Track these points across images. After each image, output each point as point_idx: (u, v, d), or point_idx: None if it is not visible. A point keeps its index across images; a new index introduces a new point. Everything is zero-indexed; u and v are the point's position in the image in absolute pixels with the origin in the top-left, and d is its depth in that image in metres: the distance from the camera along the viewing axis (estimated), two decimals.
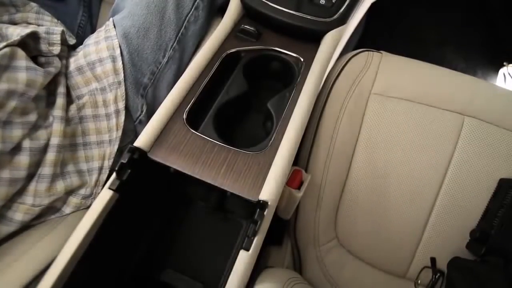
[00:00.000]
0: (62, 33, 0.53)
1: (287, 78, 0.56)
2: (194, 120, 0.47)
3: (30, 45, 0.49)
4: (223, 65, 0.53)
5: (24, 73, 0.46)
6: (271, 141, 0.45)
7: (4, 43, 0.45)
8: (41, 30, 0.51)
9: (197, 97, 0.49)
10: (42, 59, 0.51)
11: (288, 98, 0.50)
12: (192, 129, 0.46)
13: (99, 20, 0.72)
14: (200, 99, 0.49)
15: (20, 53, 0.46)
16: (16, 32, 0.50)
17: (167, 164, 0.42)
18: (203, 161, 0.43)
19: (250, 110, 0.57)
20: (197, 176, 0.42)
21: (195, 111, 0.48)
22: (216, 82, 0.52)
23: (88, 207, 0.53)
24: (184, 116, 0.46)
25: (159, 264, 0.51)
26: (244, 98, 0.53)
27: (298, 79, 0.53)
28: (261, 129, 0.54)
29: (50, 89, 0.52)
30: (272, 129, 0.47)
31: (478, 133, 0.59)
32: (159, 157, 0.43)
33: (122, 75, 0.54)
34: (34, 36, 0.50)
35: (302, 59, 0.55)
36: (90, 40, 0.55)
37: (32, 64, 0.47)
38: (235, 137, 0.53)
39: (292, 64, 0.56)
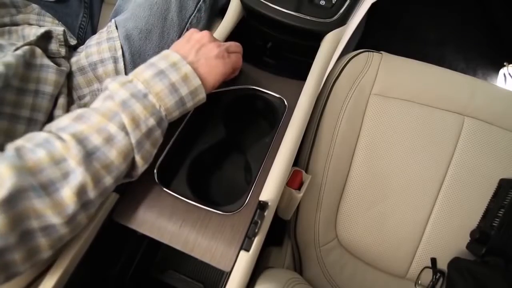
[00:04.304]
0: (64, 33, 0.53)
1: (269, 117, 0.53)
2: (165, 175, 0.43)
3: (41, 45, 0.49)
4: (198, 109, 0.46)
5: (37, 72, 0.47)
6: (247, 200, 0.41)
7: (22, 43, 0.46)
8: (53, 29, 0.52)
9: (169, 148, 0.45)
10: (53, 60, 0.51)
11: (268, 147, 0.46)
12: (163, 184, 0.42)
13: (100, 21, 0.72)
14: (172, 150, 0.45)
15: (38, 51, 0.48)
16: (33, 32, 0.51)
17: (133, 227, 0.39)
18: (173, 224, 0.39)
19: (228, 157, 0.51)
20: (166, 242, 0.39)
21: (167, 164, 0.44)
22: (190, 130, 0.47)
23: None
24: (155, 171, 0.42)
25: (160, 265, 0.51)
26: (221, 145, 0.48)
27: (280, 125, 0.47)
28: (241, 178, 0.50)
29: None
30: (250, 184, 0.43)
31: (478, 133, 0.60)
32: (124, 218, 0.40)
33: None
34: (48, 36, 0.51)
35: (285, 102, 0.50)
36: (92, 41, 0.56)
37: (45, 62, 0.48)
38: (211, 189, 0.48)
39: (274, 104, 0.51)
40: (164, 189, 0.42)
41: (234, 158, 0.51)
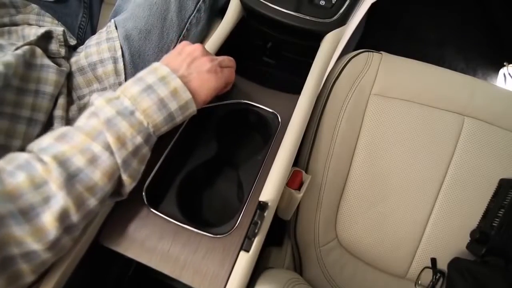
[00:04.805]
0: (64, 33, 0.53)
1: (262, 132, 0.52)
2: (154, 195, 0.42)
3: (42, 46, 0.49)
4: (189, 124, 0.47)
5: (37, 72, 0.47)
6: (238, 221, 0.40)
7: (22, 43, 0.46)
8: (53, 29, 0.52)
9: (159, 167, 0.43)
10: (53, 61, 0.51)
11: (260, 166, 0.44)
12: (152, 206, 0.41)
13: (99, 21, 0.72)
14: (161, 169, 0.44)
15: (38, 51, 0.47)
16: (32, 32, 0.51)
17: (120, 251, 0.39)
18: (162, 246, 0.38)
19: (220, 174, 0.50)
20: (153, 266, 0.38)
21: (156, 184, 0.43)
22: (180, 146, 0.46)
23: None
24: (143, 193, 0.41)
25: None
26: (213, 161, 0.46)
27: (273, 142, 0.46)
28: (233, 196, 0.48)
29: None
30: (241, 203, 0.42)
31: (478, 133, 0.60)
32: (111, 241, 0.39)
33: (123, 76, 0.55)
34: (48, 36, 0.51)
35: (279, 117, 0.49)
36: (92, 41, 0.55)
37: (46, 62, 0.48)
38: (203, 208, 0.47)
39: (268, 119, 0.50)
40: (153, 210, 0.40)
41: (226, 175, 0.49)
